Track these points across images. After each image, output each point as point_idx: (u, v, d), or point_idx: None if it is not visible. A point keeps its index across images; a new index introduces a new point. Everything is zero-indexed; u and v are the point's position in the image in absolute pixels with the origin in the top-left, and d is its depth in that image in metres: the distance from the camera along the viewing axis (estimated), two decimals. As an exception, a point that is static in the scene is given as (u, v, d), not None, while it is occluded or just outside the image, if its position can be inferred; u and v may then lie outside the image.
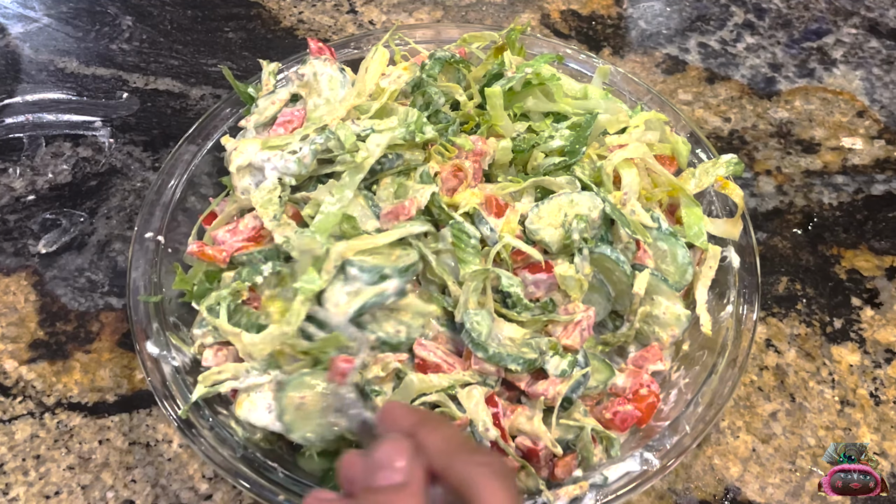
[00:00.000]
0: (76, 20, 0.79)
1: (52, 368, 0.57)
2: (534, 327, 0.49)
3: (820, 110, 0.76)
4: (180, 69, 0.75)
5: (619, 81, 0.65)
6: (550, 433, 0.47)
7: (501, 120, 0.56)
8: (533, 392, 0.48)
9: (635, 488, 0.47)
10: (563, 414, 0.49)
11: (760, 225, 0.67)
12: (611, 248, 0.51)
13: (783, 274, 0.65)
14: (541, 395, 0.47)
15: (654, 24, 0.82)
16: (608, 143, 0.57)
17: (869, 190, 0.70)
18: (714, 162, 0.58)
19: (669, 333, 0.53)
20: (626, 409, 0.50)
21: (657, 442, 0.48)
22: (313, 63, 0.57)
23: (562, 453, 0.48)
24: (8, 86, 0.73)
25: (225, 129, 0.60)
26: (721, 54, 0.80)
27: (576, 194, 0.52)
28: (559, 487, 0.46)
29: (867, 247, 0.67)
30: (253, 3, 0.81)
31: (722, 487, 0.54)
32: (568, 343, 0.48)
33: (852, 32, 0.83)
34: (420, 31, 0.67)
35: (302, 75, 0.57)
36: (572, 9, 0.83)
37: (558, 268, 0.50)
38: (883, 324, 0.62)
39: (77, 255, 0.63)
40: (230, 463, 0.46)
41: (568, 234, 0.50)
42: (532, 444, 0.47)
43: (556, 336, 0.49)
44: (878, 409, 0.58)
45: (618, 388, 0.51)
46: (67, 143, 0.70)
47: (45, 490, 0.52)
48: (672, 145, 0.58)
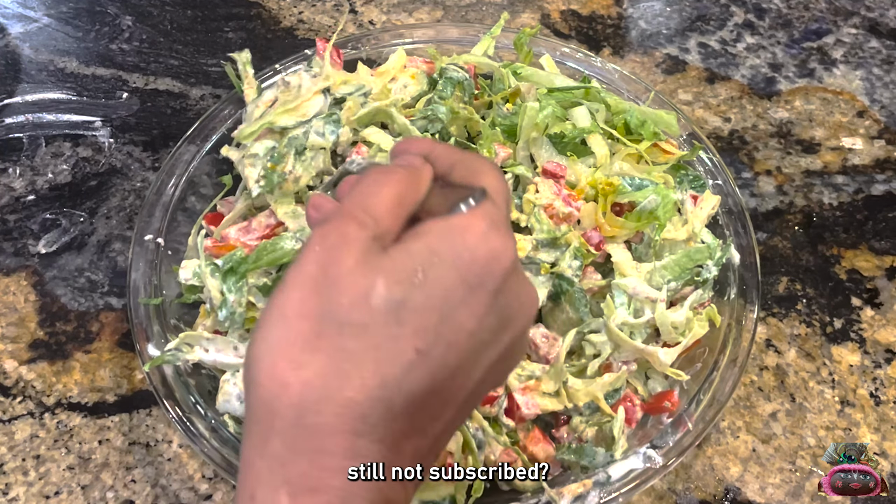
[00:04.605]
0: (76, 20, 0.79)
1: (51, 368, 0.57)
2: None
3: (820, 110, 0.76)
4: (180, 69, 0.75)
5: (617, 80, 0.65)
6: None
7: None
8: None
9: (638, 486, 0.47)
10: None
11: (760, 225, 0.67)
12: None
13: (783, 274, 0.65)
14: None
15: (654, 24, 0.82)
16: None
17: (869, 190, 0.70)
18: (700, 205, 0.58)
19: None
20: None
21: (660, 440, 0.48)
22: (301, 76, 0.57)
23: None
24: (8, 86, 0.73)
25: (224, 129, 0.60)
26: (721, 54, 0.80)
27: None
28: (562, 486, 0.46)
29: (867, 247, 0.67)
30: (253, 3, 0.81)
31: (722, 487, 0.54)
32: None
33: (852, 32, 0.83)
34: (420, 31, 0.67)
35: (287, 83, 0.58)
36: (572, 9, 0.83)
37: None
38: (883, 324, 0.62)
39: (77, 255, 0.63)
40: (230, 463, 0.46)
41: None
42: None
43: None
44: (878, 409, 0.58)
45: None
46: (67, 143, 0.70)
47: (45, 490, 0.52)
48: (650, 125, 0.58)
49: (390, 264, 0.28)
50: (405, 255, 0.28)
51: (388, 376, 0.27)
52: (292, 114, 0.55)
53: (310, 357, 0.27)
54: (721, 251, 0.54)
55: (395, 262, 0.28)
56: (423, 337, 0.27)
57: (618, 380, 0.50)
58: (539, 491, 0.47)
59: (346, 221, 0.29)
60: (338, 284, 0.27)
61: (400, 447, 0.28)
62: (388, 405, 0.27)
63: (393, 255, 0.28)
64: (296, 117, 0.55)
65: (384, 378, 0.27)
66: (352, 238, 0.28)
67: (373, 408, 0.27)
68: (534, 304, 0.32)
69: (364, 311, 0.27)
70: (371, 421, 0.27)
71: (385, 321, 0.27)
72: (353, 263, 0.28)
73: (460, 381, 0.29)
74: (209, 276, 0.50)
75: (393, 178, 0.31)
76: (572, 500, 0.46)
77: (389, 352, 0.27)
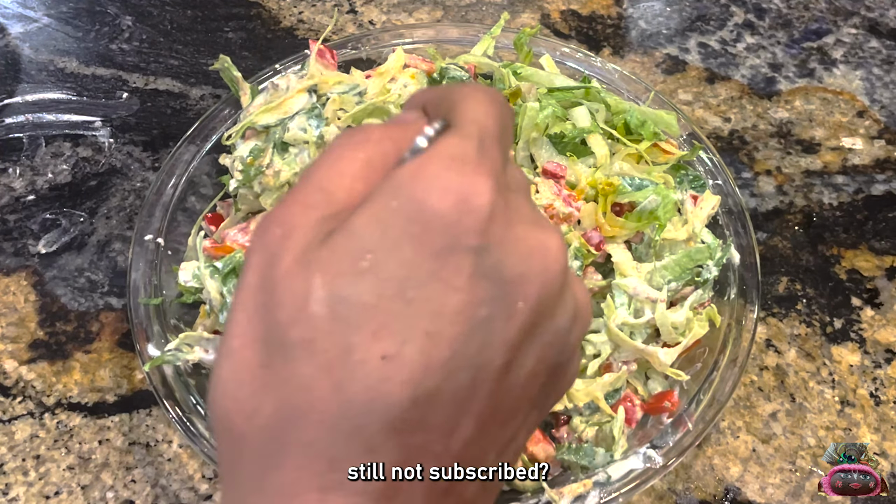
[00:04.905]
0: (76, 20, 0.79)
1: (52, 368, 0.57)
2: None
3: (820, 110, 0.76)
4: (180, 69, 0.75)
5: (617, 80, 0.65)
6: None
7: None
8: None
9: (638, 486, 0.47)
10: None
11: (760, 225, 0.67)
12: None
13: (783, 274, 0.65)
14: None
15: (654, 24, 0.82)
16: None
17: (869, 190, 0.70)
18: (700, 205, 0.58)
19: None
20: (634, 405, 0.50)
21: (660, 440, 0.48)
22: (289, 77, 0.58)
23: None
24: (8, 86, 0.73)
25: (224, 129, 0.60)
26: (721, 54, 0.80)
27: None
28: (562, 486, 0.46)
29: (867, 247, 0.67)
30: (253, 3, 0.81)
31: (722, 487, 0.54)
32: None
33: (852, 32, 0.83)
34: (420, 31, 0.67)
35: (276, 86, 0.58)
36: (572, 9, 0.83)
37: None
38: (883, 324, 0.62)
39: (77, 255, 0.63)
40: (230, 463, 0.46)
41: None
42: None
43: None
44: (878, 409, 0.58)
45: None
46: (67, 143, 0.70)
47: (45, 490, 0.52)
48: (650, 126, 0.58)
49: (328, 254, 0.21)
50: (345, 237, 0.21)
51: (351, 401, 0.21)
52: (274, 112, 0.55)
53: (261, 399, 0.21)
54: (721, 251, 0.54)
55: (333, 249, 0.21)
56: (385, 337, 0.21)
57: (618, 380, 0.50)
58: (539, 491, 0.46)
59: (287, 206, 0.23)
60: (274, 295, 0.22)
61: (401, 488, 0.21)
62: (364, 439, 0.21)
63: (332, 242, 0.22)
64: (278, 115, 0.55)
65: (346, 406, 0.21)
66: (293, 227, 0.22)
67: (341, 448, 0.21)
68: (554, 253, 0.23)
69: (305, 325, 0.21)
70: (341, 466, 0.21)
71: (331, 330, 0.21)
72: (291, 262, 0.22)
73: (470, 378, 0.22)
74: (209, 277, 0.50)
75: (361, 139, 0.24)
76: (572, 500, 0.46)
77: (345, 368, 0.21)
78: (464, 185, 0.22)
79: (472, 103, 0.24)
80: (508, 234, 0.22)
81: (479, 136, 0.23)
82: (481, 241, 0.22)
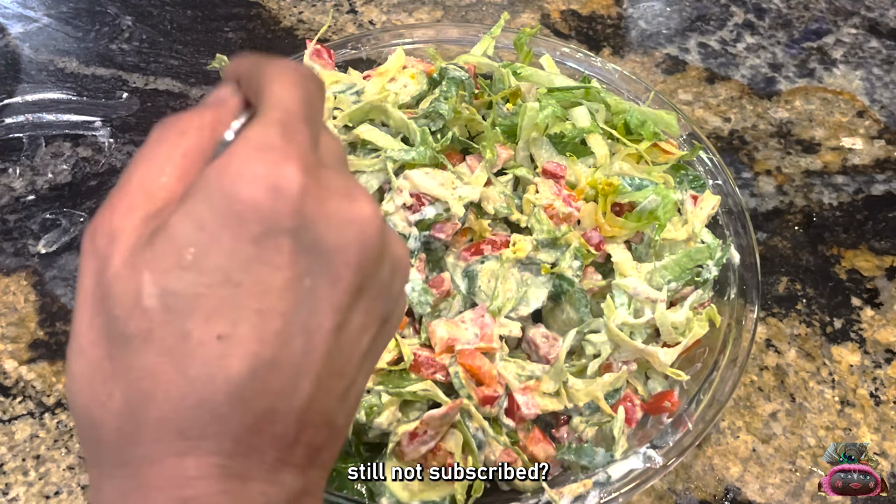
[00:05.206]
0: (76, 20, 0.79)
1: (52, 368, 0.57)
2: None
3: (820, 110, 0.76)
4: (180, 69, 0.75)
5: (617, 80, 0.65)
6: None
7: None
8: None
9: (638, 486, 0.47)
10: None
11: (760, 225, 0.67)
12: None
13: (783, 274, 0.65)
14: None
15: (654, 24, 0.82)
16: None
17: (869, 190, 0.70)
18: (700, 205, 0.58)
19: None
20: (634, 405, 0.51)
21: (660, 440, 0.48)
22: None
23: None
24: (8, 86, 0.73)
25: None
26: (721, 54, 0.80)
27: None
28: (562, 486, 0.46)
29: (867, 247, 0.67)
30: (253, 3, 0.81)
31: (722, 487, 0.54)
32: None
33: (852, 32, 0.83)
34: (420, 31, 0.67)
35: None
36: (572, 9, 0.83)
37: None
38: (883, 324, 0.62)
39: (77, 255, 0.63)
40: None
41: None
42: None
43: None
44: (878, 409, 0.58)
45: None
46: (67, 143, 0.70)
47: (45, 490, 0.52)
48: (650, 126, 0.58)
49: (152, 254, 0.23)
50: (167, 236, 0.23)
51: (194, 378, 0.23)
52: None
53: (111, 388, 0.23)
54: (721, 251, 0.54)
55: (157, 249, 0.23)
56: (218, 320, 0.23)
57: (618, 380, 0.50)
58: (539, 491, 0.46)
59: (111, 211, 0.24)
60: (110, 295, 0.23)
61: (253, 444, 0.24)
62: (209, 408, 0.23)
63: (156, 242, 0.23)
64: None
65: (189, 382, 0.23)
66: (118, 230, 0.24)
67: (190, 419, 0.23)
68: (368, 220, 0.25)
69: (141, 318, 0.23)
70: (193, 434, 0.23)
71: (166, 320, 0.23)
72: (120, 265, 0.23)
73: (303, 342, 0.24)
74: None
75: (176, 133, 0.25)
76: (572, 500, 0.46)
77: (185, 352, 0.23)
78: (271, 172, 0.23)
79: (276, 87, 0.25)
80: (322, 210, 0.24)
81: (282, 121, 0.24)
82: (296, 223, 0.23)
